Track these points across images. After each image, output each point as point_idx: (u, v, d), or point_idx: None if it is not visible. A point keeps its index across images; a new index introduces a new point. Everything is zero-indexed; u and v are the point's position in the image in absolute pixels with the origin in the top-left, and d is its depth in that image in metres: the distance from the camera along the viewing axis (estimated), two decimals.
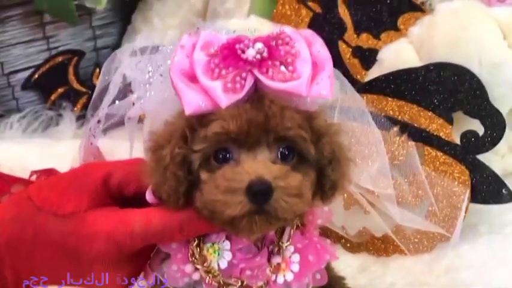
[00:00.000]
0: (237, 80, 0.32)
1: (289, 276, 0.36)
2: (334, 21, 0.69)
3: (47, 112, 0.86)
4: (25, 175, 0.69)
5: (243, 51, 0.32)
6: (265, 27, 0.57)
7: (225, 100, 0.31)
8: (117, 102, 0.38)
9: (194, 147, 0.32)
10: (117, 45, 0.97)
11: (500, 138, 0.50)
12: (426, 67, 0.51)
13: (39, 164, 0.71)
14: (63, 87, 0.89)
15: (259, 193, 0.30)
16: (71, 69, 0.89)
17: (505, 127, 0.50)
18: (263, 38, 0.33)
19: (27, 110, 0.85)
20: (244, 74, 0.32)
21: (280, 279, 0.36)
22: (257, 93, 0.32)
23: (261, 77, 0.32)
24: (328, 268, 0.46)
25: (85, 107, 0.88)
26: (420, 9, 0.65)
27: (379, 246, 0.52)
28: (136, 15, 0.95)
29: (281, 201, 0.31)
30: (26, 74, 0.89)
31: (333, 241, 0.53)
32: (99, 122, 0.39)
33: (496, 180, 0.50)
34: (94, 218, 0.34)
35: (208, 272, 0.35)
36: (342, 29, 0.69)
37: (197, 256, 0.35)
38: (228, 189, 0.30)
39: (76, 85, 0.89)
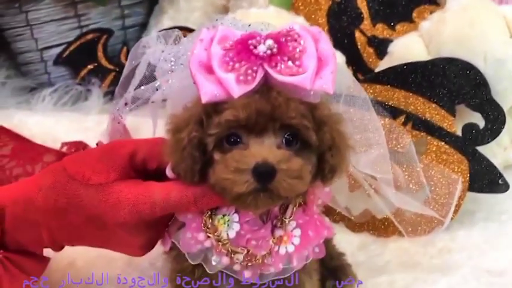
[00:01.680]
0: (249, 72, 0.36)
1: (291, 248, 0.40)
2: (351, 10, 0.72)
3: (77, 87, 0.92)
4: (56, 146, 0.75)
5: (255, 47, 0.36)
6: (282, 18, 0.60)
7: (237, 91, 0.35)
8: (142, 87, 0.42)
9: (209, 131, 0.36)
10: (144, 24, 1.01)
11: (500, 132, 0.53)
12: (433, 61, 0.54)
13: (69, 137, 0.77)
14: (92, 63, 0.93)
15: (264, 174, 0.34)
16: (100, 47, 0.93)
17: (505, 121, 0.53)
18: (274, 34, 0.37)
19: (59, 85, 0.91)
20: (255, 68, 0.36)
21: (282, 250, 0.40)
22: (266, 85, 0.36)
23: (271, 71, 0.36)
24: (329, 244, 0.50)
25: (112, 83, 0.93)
26: (435, 2, 0.67)
27: (379, 227, 0.56)
28: None
29: (283, 182, 0.35)
30: (58, 50, 0.94)
31: (337, 220, 0.58)
32: (126, 104, 0.44)
33: (494, 171, 0.53)
34: (120, 189, 0.39)
35: (218, 240, 0.39)
36: (358, 19, 0.71)
37: (209, 226, 0.39)
38: (236, 169, 0.35)
39: (104, 62, 0.93)
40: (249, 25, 0.42)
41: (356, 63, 0.71)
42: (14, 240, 0.41)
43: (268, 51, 0.36)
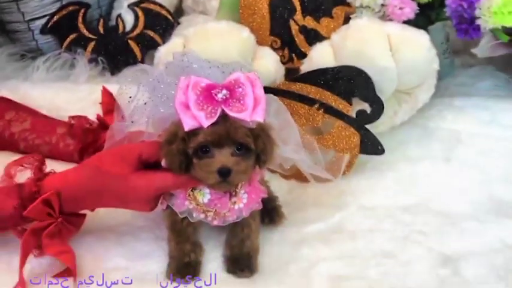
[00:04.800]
0: (213, 111, 0.58)
1: (241, 205, 0.65)
2: (287, 3, 0.91)
3: (64, 55, 1.09)
4: (59, 114, 0.91)
5: (216, 94, 0.58)
6: (233, 32, 0.80)
7: (206, 123, 0.58)
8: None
9: (189, 145, 0.60)
10: None
11: (380, 115, 0.77)
12: (338, 67, 0.77)
13: (69, 106, 0.95)
14: (74, 33, 1.10)
15: (224, 173, 0.58)
16: (80, 19, 1.09)
17: (383, 109, 0.77)
18: (227, 84, 0.59)
19: (49, 55, 1.07)
20: (216, 108, 0.58)
21: (236, 207, 0.65)
22: (223, 117, 0.59)
23: (226, 109, 0.58)
24: (269, 190, 0.75)
25: (93, 50, 1.10)
26: (348, 4, 0.88)
27: (302, 176, 0.81)
28: None
29: (235, 177, 0.59)
30: (43, 21, 1.08)
31: (273, 171, 0.83)
32: (132, 121, 0.66)
33: (375, 141, 0.79)
34: (134, 179, 0.62)
35: (197, 204, 0.64)
36: (292, 11, 0.91)
37: (191, 196, 0.64)
38: (207, 171, 0.59)
39: (85, 32, 1.10)
40: (219, 66, 0.63)
41: (291, 46, 0.92)
42: (67, 208, 0.65)
43: (224, 97, 0.59)
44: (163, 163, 0.63)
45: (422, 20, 0.88)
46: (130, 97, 0.68)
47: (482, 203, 0.78)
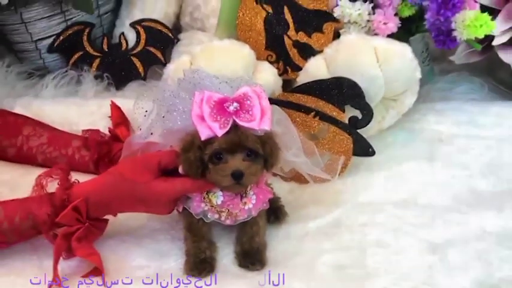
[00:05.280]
0: (225, 122, 0.66)
1: (250, 206, 0.73)
2: (281, 20, 0.98)
3: (71, 72, 1.15)
4: (72, 129, 0.97)
5: (228, 107, 0.66)
6: (235, 49, 0.88)
7: (220, 133, 0.65)
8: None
9: (205, 152, 0.67)
10: (114, 10, 1.21)
11: (370, 121, 0.86)
12: (331, 78, 0.85)
13: (80, 120, 1.01)
14: (80, 51, 1.16)
15: (237, 176, 0.66)
16: (85, 37, 1.15)
17: (372, 114, 0.85)
18: (237, 97, 0.67)
19: (57, 72, 1.12)
20: (228, 119, 0.66)
21: (246, 207, 0.72)
22: (235, 127, 0.66)
23: (237, 120, 0.66)
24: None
25: (99, 67, 1.16)
26: (337, 20, 0.96)
27: (301, 178, 0.89)
28: None
29: (247, 179, 0.66)
30: (50, 40, 1.14)
31: (275, 174, 0.91)
32: (152, 133, 0.73)
33: (366, 144, 0.87)
34: (155, 184, 0.69)
35: (211, 206, 0.72)
36: (286, 27, 0.99)
37: (206, 198, 0.72)
38: (222, 175, 0.66)
39: (90, 49, 1.16)
40: (227, 81, 0.70)
41: (285, 59, 1.00)
42: (93, 214, 0.72)
43: (235, 109, 0.66)
44: (180, 170, 0.71)
45: (404, 32, 0.97)
46: (146, 111, 0.75)
47: (464, 196, 0.86)
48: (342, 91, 0.85)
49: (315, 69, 0.87)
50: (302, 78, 0.90)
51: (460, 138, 0.98)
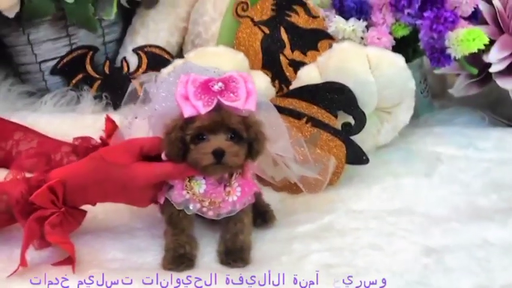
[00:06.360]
0: (209, 100, 0.65)
1: (235, 198, 0.69)
2: (277, 40, 1.01)
3: (71, 92, 1.17)
4: (66, 139, 0.98)
5: (212, 86, 0.65)
6: (228, 55, 0.90)
7: (203, 110, 0.64)
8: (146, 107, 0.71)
9: (187, 133, 0.65)
10: (119, 39, 1.25)
11: (363, 127, 0.84)
12: (324, 83, 0.85)
13: (74, 133, 1.00)
14: (81, 73, 1.19)
15: (218, 154, 0.64)
16: (88, 60, 1.18)
17: (365, 121, 0.84)
18: (223, 78, 0.66)
19: (56, 91, 1.15)
20: (212, 98, 0.65)
21: (230, 199, 0.69)
22: (219, 106, 0.65)
23: (221, 99, 0.65)
24: (260, 198, 0.80)
25: (98, 89, 1.18)
26: (332, 37, 0.98)
27: (292, 187, 0.86)
28: (136, 19, 1.24)
29: (228, 158, 0.64)
30: (53, 62, 1.17)
31: (266, 184, 0.88)
32: (136, 117, 0.72)
33: (360, 151, 0.85)
34: (135, 167, 0.67)
35: (193, 194, 0.68)
36: (282, 46, 1.01)
37: (188, 186, 0.69)
38: (203, 152, 0.64)
39: (91, 72, 1.19)
40: (214, 71, 0.71)
41: (281, 78, 1.00)
42: (70, 200, 0.69)
43: (219, 88, 0.65)
44: (163, 156, 0.69)
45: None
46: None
47: (463, 209, 0.82)
48: (334, 95, 0.84)
49: (308, 76, 0.87)
50: (295, 84, 0.89)
51: (459, 160, 0.94)
